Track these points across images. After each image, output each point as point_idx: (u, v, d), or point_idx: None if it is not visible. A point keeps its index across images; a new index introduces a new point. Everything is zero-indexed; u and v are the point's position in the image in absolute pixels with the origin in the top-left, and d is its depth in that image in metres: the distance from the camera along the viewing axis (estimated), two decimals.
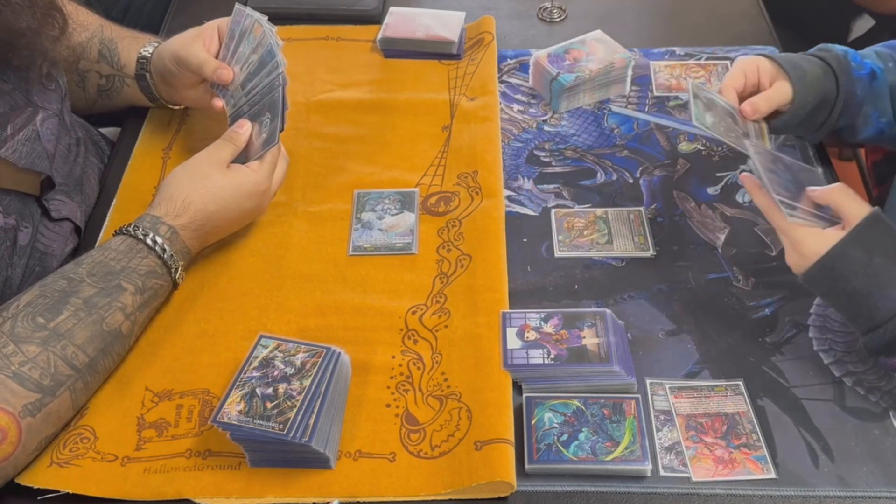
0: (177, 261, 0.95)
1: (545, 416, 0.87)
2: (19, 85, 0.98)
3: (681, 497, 0.83)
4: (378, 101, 1.26)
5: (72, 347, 0.85)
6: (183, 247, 0.96)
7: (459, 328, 0.96)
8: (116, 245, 0.93)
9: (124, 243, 0.93)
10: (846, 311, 0.88)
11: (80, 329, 0.86)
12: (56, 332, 0.85)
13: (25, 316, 0.85)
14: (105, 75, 1.16)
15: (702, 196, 1.12)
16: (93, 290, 0.89)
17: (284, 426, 0.80)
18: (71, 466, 0.86)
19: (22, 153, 0.95)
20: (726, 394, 0.91)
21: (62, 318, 0.86)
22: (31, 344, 0.83)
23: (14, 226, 0.95)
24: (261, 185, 1.01)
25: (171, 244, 0.94)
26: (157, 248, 0.93)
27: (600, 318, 0.94)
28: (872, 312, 0.84)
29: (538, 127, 1.23)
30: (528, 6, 1.44)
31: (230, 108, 1.08)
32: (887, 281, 0.83)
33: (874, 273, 0.83)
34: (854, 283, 0.84)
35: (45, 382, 0.82)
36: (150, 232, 0.94)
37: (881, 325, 0.84)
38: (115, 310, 0.89)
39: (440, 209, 1.10)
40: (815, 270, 0.86)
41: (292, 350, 0.87)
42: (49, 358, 0.83)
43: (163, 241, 0.94)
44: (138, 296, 0.91)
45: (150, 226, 0.94)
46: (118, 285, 0.90)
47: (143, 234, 0.93)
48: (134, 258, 0.92)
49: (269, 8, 1.41)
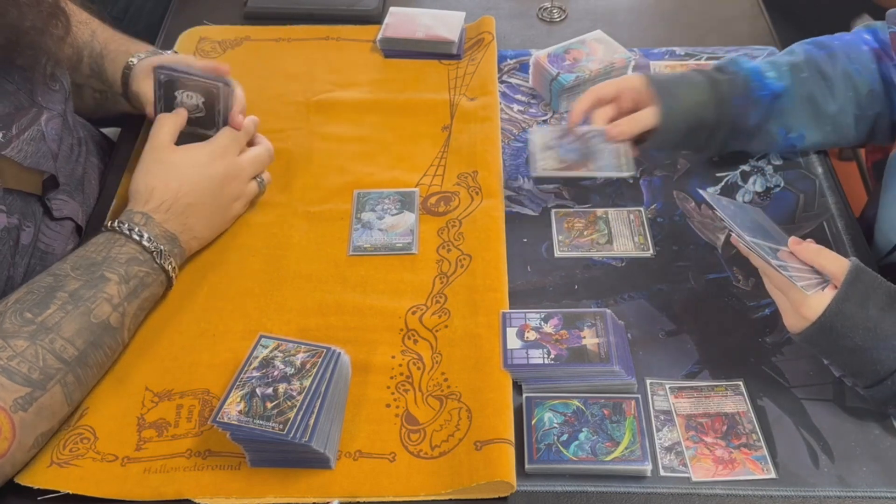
0: (158, 245, 0.96)
1: (545, 416, 0.87)
2: (24, 85, 0.99)
3: (681, 497, 0.83)
4: (378, 101, 1.26)
5: (60, 340, 0.85)
6: (162, 230, 0.97)
7: (459, 328, 0.96)
8: (97, 240, 0.96)
9: (103, 236, 0.96)
10: (849, 367, 0.86)
11: (67, 322, 0.86)
12: (44, 326, 0.85)
13: (14, 312, 0.86)
14: (98, 90, 1.17)
15: (702, 196, 1.12)
16: (78, 283, 0.90)
17: (284, 426, 0.80)
18: (71, 467, 0.86)
19: (27, 153, 0.95)
20: (726, 394, 0.91)
21: (49, 311, 0.86)
22: (19, 339, 0.84)
23: (17, 225, 0.95)
24: (218, 148, 1.03)
25: (148, 229, 0.96)
26: (133, 234, 0.95)
27: (600, 318, 0.94)
28: (876, 366, 0.83)
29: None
30: (528, 6, 1.44)
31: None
32: (886, 333, 0.82)
33: (872, 326, 0.82)
34: (855, 339, 0.83)
35: (35, 376, 0.83)
36: (125, 222, 0.96)
37: (887, 378, 0.83)
38: (101, 301, 0.89)
39: (440, 209, 1.10)
40: (815, 330, 0.84)
41: (292, 350, 0.87)
42: (37, 351, 0.84)
43: (139, 228, 0.95)
44: (123, 285, 0.92)
45: (125, 218, 0.97)
46: (101, 276, 0.91)
47: (118, 225, 0.96)
48: (113, 248, 0.94)
49: (270, 8, 1.42)
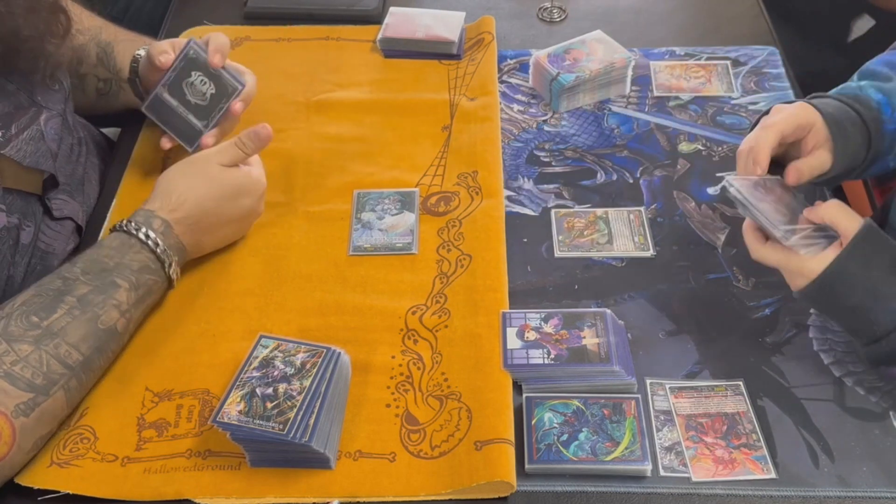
0: (170, 255, 0.94)
1: (545, 416, 0.87)
2: (24, 86, 0.99)
3: (681, 497, 0.83)
4: (378, 101, 1.26)
5: (65, 346, 0.85)
6: (177, 242, 0.96)
7: (459, 328, 0.96)
8: (110, 242, 0.94)
9: (117, 239, 0.94)
10: (846, 324, 0.88)
11: (73, 327, 0.86)
12: (49, 331, 0.85)
13: (20, 315, 0.85)
14: (103, 79, 1.17)
15: (702, 196, 1.12)
16: (87, 288, 0.89)
17: (284, 426, 0.80)
18: (71, 467, 0.86)
19: (26, 152, 0.95)
20: (726, 394, 0.91)
21: (56, 316, 0.86)
22: (24, 343, 0.83)
23: (17, 225, 0.95)
24: (258, 184, 1.02)
25: (165, 238, 0.94)
26: (149, 242, 0.93)
27: (600, 318, 0.94)
28: (873, 326, 0.84)
29: (538, 127, 1.23)
30: (528, 6, 1.44)
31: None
32: (886, 294, 0.83)
33: (873, 287, 0.83)
34: (854, 299, 0.83)
35: (38, 381, 0.82)
36: (142, 226, 0.94)
37: (882, 338, 0.84)
38: (110, 307, 0.89)
39: (440, 209, 1.10)
40: (814, 288, 0.85)
41: (292, 350, 0.87)
42: (41, 357, 0.83)
43: (156, 236, 0.94)
44: (133, 292, 0.91)
45: (143, 220, 0.94)
46: (112, 282, 0.90)
47: (135, 228, 0.93)
48: (127, 254, 0.92)
49: (270, 8, 1.42)
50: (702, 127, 1.22)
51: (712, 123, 1.22)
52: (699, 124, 1.22)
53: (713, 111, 1.24)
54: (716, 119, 1.23)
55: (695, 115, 1.24)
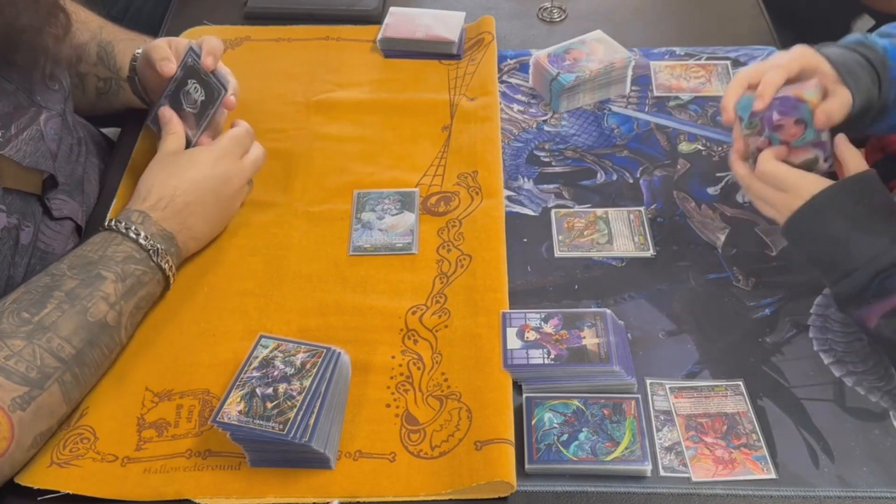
0: (155, 243, 0.95)
1: (545, 416, 0.87)
2: (23, 85, 0.99)
3: (681, 497, 0.83)
4: (378, 101, 1.26)
5: (57, 339, 0.85)
6: (160, 229, 0.97)
7: (459, 328, 0.96)
8: (93, 239, 0.96)
9: (100, 235, 0.96)
10: (821, 258, 0.89)
11: (64, 321, 0.86)
12: (41, 325, 0.85)
13: (11, 312, 0.86)
14: (103, 78, 1.17)
15: (702, 196, 1.13)
16: (74, 283, 0.90)
17: (284, 426, 0.80)
18: (71, 467, 0.86)
19: (26, 152, 0.95)
20: (726, 394, 0.91)
21: (46, 311, 0.86)
22: (17, 338, 0.84)
23: (16, 225, 0.95)
24: (221, 150, 1.03)
25: (145, 227, 0.96)
26: (130, 232, 0.95)
27: (600, 318, 0.94)
28: (847, 259, 0.86)
29: (538, 127, 1.23)
30: (528, 6, 1.44)
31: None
32: (866, 227, 0.85)
33: (855, 218, 0.85)
34: (834, 227, 0.86)
35: (32, 375, 0.83)
36: (122, 220, 0.96)
37: (854, 271, 0.85)
38: (98, 299, 0.89)
39: (440, 209, 1.10)
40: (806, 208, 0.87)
41: (292, 350, 0.87)
42: (34, 351, 0.84)
43: (135, 226, 0.95)
44: (119, 283, 0.92)
45: (122, 217, 0.97)
46: (98, 274, 0.91)
47: (115, 223, 0.96)
48: (109, 246, 0.94)
49: (270, 8, 1.42)
50: (702, 127, 1.22)
51: (712, 123, 1.22)
52: (699, 124, 1.22)
53: (713, 111, 1.24)
54: (716, 119, 1.23)
55: (695, 115, 1.24)
